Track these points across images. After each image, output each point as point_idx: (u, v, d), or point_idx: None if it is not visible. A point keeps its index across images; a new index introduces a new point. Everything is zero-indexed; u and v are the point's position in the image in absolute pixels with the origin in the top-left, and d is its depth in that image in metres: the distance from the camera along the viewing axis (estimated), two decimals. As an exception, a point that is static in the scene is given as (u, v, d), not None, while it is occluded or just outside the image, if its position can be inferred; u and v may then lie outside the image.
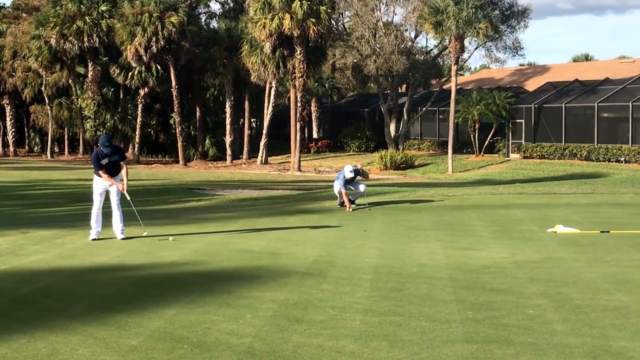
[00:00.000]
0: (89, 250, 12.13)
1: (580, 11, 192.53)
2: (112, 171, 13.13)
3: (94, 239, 13.12)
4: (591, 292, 8.32)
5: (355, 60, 60.00)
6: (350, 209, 18.03)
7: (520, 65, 79.69)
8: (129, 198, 13.25)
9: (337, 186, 18.22)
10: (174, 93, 55.62)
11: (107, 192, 13.29)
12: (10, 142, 69.66)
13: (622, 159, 44.01)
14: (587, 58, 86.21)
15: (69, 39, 56.39)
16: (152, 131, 69.05)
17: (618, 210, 16.76)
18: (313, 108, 68.91)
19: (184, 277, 9.75)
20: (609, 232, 13.15)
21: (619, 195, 20.28)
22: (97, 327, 7.15)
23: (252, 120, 69.16)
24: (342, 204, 19.00)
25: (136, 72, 55.57)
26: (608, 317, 7.25)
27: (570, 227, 13.45)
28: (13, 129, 69.47)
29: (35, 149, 73.51)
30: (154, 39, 53.04)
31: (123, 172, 13.20)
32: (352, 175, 18.21)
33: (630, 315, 7.31)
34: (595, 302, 7.84)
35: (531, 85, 60.90)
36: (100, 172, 13.06)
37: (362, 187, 18.45)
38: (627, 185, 23.38)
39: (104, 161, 13.02)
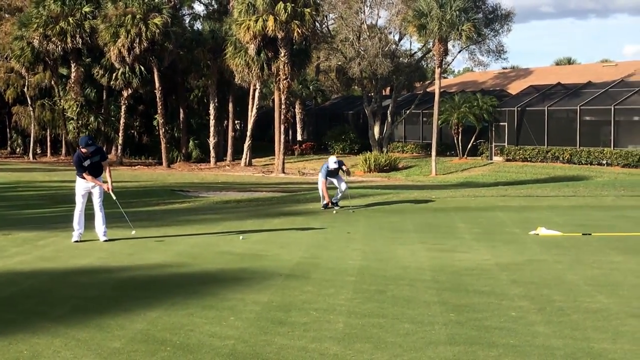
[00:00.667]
0: (72, 252, 12.07)
1: (562, 15, 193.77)
2: (94, 172, 13.08)
3: (77, 241, 13.06)
4: (573, 295, 8.37)
5: (340, 63, 60.05)
6: (331, 205, 18.19)
7: (504, 68, 79.94)
8: (115, 198, 13.20)
9: (320, 177, 18.52)
10: (158, 94, 55.44)
11: (90, 194, 13.23)
12: (-8, 143, 69.24)
13: (604, 162, 44.28)
14: (569, 62, 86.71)
15: (52, 40, 56.09)
16: (135, 133, 68.77)
17: (600, 213, 16.87)
18: (297, 110, 68.91)
19: (167, 279, 9.72)
20: (590, 234, 13.23)
21: (600, 198, 20.40)
22: (80, 330, 7.12)
23: (236, 122, 68.98)
24: (326, 205, 19.03)
25: (119, 73, 55.34)
26: (590, 319, 7.29)
27: (552, 230, 13.52)
28: (-5, 130, 69.05)
29: (18, 150, 73.02)
30: (137, 40, 52.85)
31: (106, 172, 13.16)
32: (335, 166, 18.49)
33: (612, 318, 7.36)
34: (577, 304, 7.89)
35: (514, 88, 61.16)
36: (84, 174, 13.00)
37: (343, 186, 18.57)
38: (608, 188, 23.52)
39: (86, 163, 12.97)
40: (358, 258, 11.00)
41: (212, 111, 59.12)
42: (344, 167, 18.94)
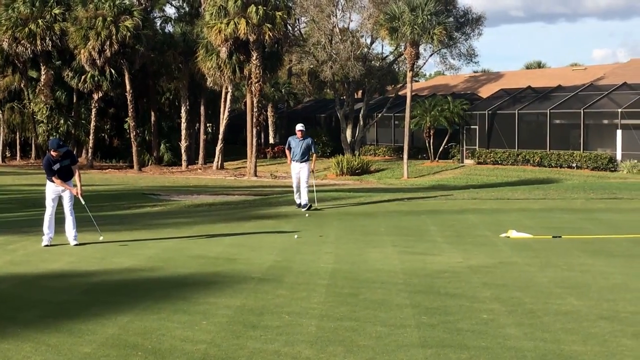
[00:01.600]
0: (42, 256, 11.96)
1: (532, 19, 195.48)
2: (65, 176, 12.97)
3: (47, 245, 12.94)
4: (543, 297, 8.44)
5: (312, 66, 60.12)
6: (303, 209, 18.37)
7: (474, 72, 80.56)
8: (83, 203, 13.10)
9: (287, 147, 19.07)
10: (129, 97, 55.13)
11: (60, 198, 13.12)
12: (-39, 146, 68.42)
13: (574, 164, 44.71)
14: (539, 65, 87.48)
15: (22, 42, 55.58)
16: (106, 136, 68.32)
17: (570, 216, 17.02)
18: (269, 113, 68.86)
19: (138, 283, 9.67)
20: (560, 237, 13.34)
21: (570, 200, 20.59)
22: (50, 335, 7.06)
23: (208, 125, 68.76)
24: (299, 205, 19.03)
25: (90, 76, 54.99)
26: (560, 321, 7.35)
27: (523, 232, 13.62)
28: (-37, 133, 68.23)
29: (-14, 153, 72.25)
30: (108, 42, 52.55)
31: (76, 176, 13.05)
32: (302, 129, 18.82)
33: (582, 319, 7.43)
34: (548, 307, 7.95)
35: (485, 91, 61.59)
36: (54, 178, 12.89)
37: (304, 182, 18.67)
38: (578, 190, 23.76)
39: (56, 166, 12.85)
40: (330, 261, 11.00)
41: (183, 114, 58.91)
42: (313, 155, 19.08)
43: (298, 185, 19.09)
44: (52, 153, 12.82)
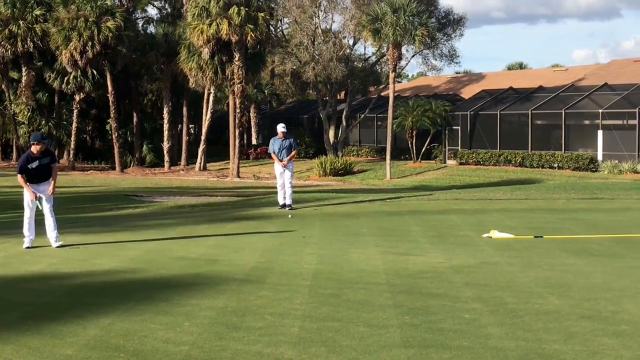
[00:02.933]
0: (23, 258, 11.89)
1: (513, 20, 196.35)
2: (43, 175, 12.74)
3: (28, 247, 12.84)
4: (525, 296, 8.48)
5: (294, 67, 60.11)
6: (284, 208, 18.36)
7: (456, 73, 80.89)
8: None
9: (270, 149, 19.30)
10: (111, 98, 54.91)
11: (40, 199, 12.98)
12: (-59, 148, 67.90)
13: (555, 165, 44.96)
14: (521, 66, 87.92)
15: (2, 43, 55.24)
16: (87, 137, 67.94)
17: (551, 216, 17.11)
18: (252, 114, 68.78)
19: (120, 285, 9.63)
20: (542, 237, 13.41)
21: (552, 200, 20.70)
22: (32, 337, 7.02)
23: (190, 126, 68.58)
24: (283, 206, 19.04)
25: (72, 77, 54.72)
26: (541, 321, 7.39)
27: (504, 232, 13.67)
28: (-57, 135, 67.70)
29: (-33, 155, 71.73)
30: (89, 43, 52.33)
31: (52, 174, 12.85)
32: (284, 129, 19.11)
33: (563, 319, 7.47)
34: (529, 306, 7.99)
35: (467, 92, 61.81)
36: (19, 177, 12.60)
37: (288, 181, 18.77)
38: (560, 191, 23.89)
39: (34, 164, 12.57)
40: (313, 262, 11.01)
41: (165, 115, 58.73)
42: (292, 152, 19.24)
43: (282, 185, 19.14)
44: (33, 149, 12.56)
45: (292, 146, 19.32)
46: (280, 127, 19.30)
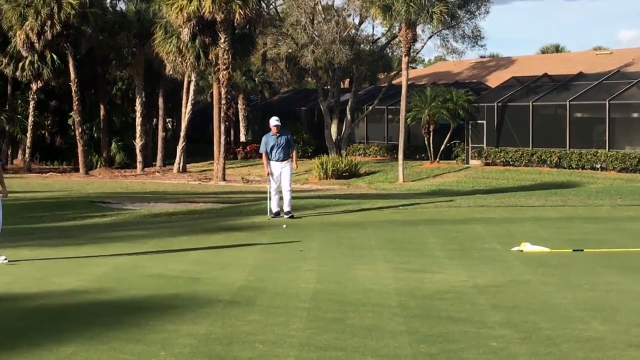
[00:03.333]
0: (-31, 276, 11.88)
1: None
2: None
3: (-25, 264, 12.82)
4: (562, 321, 8.46)
5: (290, 51, 60.11)
6: (286, 217, 18.41)
7: (481, 57, 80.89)
8: None
9: (262, 149, 19.21)
10: (73, 88, 54.91)
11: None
12: None
13: (598, 165, 44.94)
14: (557, 49, 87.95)
15: (-55, 22, 55.31)
16: (46, 133, 68.01)
17: (593, 226, 17.10)
18: (240, 106, 68.81)
19: (85, 307, 9.62)
20: (582, 250, 13.40)
21: (594, 207, 20.69)
22: (-21, 370, 7.01)
23: (167, 120, 68.62)
24: (276, 214, 19.02)
25: (27, 62, 54.72)
26: (582, 350, 7.37)
27: (538, 246, 13.66)
28: None
29: None
30: (48, 23, 52.34)
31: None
32: (277, 123, 18.95)
33: (607, 348, 7.45)
34: (568, 332, 7.97)
35: (494, 80, 61.82)
36: None
37: (287, 185, 18.68)
38: (603, 196, 23.88)
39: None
40: (312, 280, 11.00)
41: (138, 107, 58.71)
42: (292, 154, 19.18)
43: (277, 189, 19.09)
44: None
45: (290, 143, 19.25)
46: (274, 121, 19.22)
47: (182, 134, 57.68)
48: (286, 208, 18.98)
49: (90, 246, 15.25)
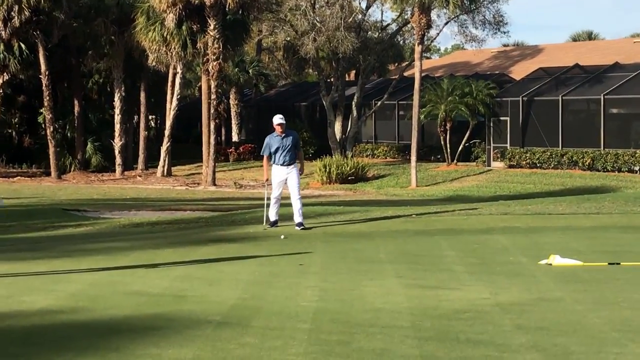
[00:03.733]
0: None
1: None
2: None
3: None
4: (597, 344, 8.45)
5: (289, 39, 60.16)
6: (299, 227, 18.51)
7: (504, 45, 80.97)
8: None
9: (264, 151, 19.18)
10: (44, 81, 54.96)
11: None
12: None
13: (637, 168, 44.92)
14: (590, 37, 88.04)
15: None
16: (13, 132, 68.04)
17: (631, 236, 17.09)
18: (232, 101, 68.84)
19: (56, 329, 9.61)
20: (619, 264, 13.39)
21: (632, 215, 20.67)
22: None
23: (150, 117, 68.66)
24: (273, 223, 18.97)
25: (-8, 53, 54.82)
26: (618, 376, 7.37)
27: (569, 258, 13.65)
28: None
29: None
30: (16, 8, 52.41)
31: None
32: (282, 121, 18.79)
33: (647, 373, 7.45)
34: (602, 357, 7.97)
35: (518, 71, 61.86)
36: None
37: (296, 192, 18.60)
38: (642, 202, 23.87)
39: None
40: (314, 298, 10.99)
41: (117, 103, 58.79)
42: (300, 153, 19.13)
43: (278, 197, 19.02)
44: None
45: (297, 145, 19.09)
46: (277, 119, 19.00)
47: (166, 133, 57.70)
48: (297, 219, 18.78)
49: (63, 260, 15.24)
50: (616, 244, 16.00)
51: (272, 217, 19.21)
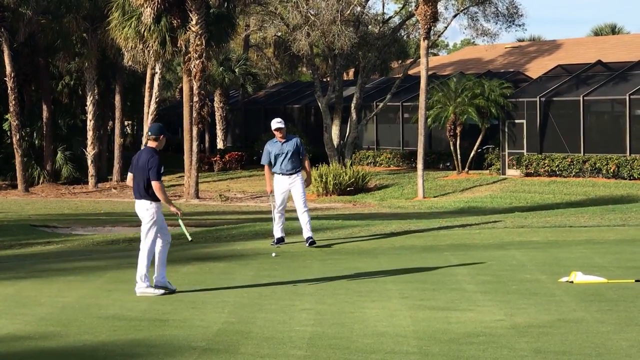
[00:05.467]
0: None
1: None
2: None
3: None
4: (623, 369, 8.49)
5: (279, 34, 60.19)
6: (308, 243, 18.38)
7: (519, 40, 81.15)
8: None
9: (264, 160, 18.75)
10: (9, 84, 54.96)
11: None
12: None
13: (667, 175, 44.97)
14: (613, 30, 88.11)
15: None
16: (-25, 141, 67.98)
17: (661, 250, 17.13)
18: (217, 104, 68.82)
19: (24, 357, 9.63)
20: (647, 281, 13.44)
21: (662, 227, 20.69)
22: None
23: (126, 123, 68.69)
24: (280, 240, 18.81)
25: (-49, 52, 54.86)
26: (647, 405, 7.40)
27: (592, 275, 13.68)
28: None
29: None
30: (-23, 3, 52.43)
31: None
32: (280, 125, 18.33)
33: (679, 401, 7.47)
34: (629, 383, 8.00)
35: (535, 69, 61.94)
36: None
37: (301, 206, 18.39)
38: (673, 213, 23.89)
39: None
40: (309, 322, 11.01)
41: (90, 107, 58.76)
42: (305, 160, 18.84)
43: (282, 210, 18.83)
44: None
45: (300, 150, 18.58)
46: (275, 124, 18.21)
47: (144, 140, 57.59)
48: (306, 234, 18.49)
49: (32, 280, 15.25)
50: (644, 259, 16.05)
51: (277, 233, 18.94)
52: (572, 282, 13.48)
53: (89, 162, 58.81)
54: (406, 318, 11.13)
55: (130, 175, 13.81)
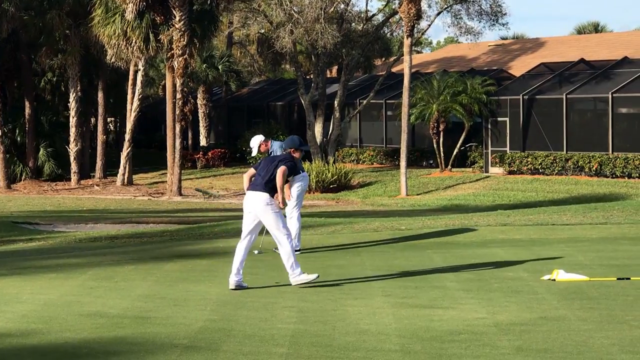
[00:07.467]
0: None
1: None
2: None
3: None
4: (605, 367, 8.50)
5: (263, 31, 60.15)
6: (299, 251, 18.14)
7: (503, 39, 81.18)
8: None
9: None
10: (-9, 80, 54.83)
11: None
12: None
13: (649, 173, 45.06)
14: (596, 29, 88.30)
15: None
16: (-43, 137, 67.74)
17: (642, 248, 17.18)
18: (200, 101, 68.69)
19: (5, 355, 9.60)
20: (629, 279, 13.45)
21: (644, 225, 20.74)
22: None
23: (109, 120, 68.50)
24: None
25: None
26: (628, 403, 7.42)
27: (574, 273, 13.70)
28: None
29: None
30: (-42, -2, 52.24)
31: None
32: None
33: (660, 399, 7.50)
34: (611, 381, 8.02)
35: (518, 67, 62.01)
36: None
37: (296, 214, 18.25)
38: (655, 211, 23.95)
39: None
40: (291, 320, 11.00)
41: (72, 104, 58.58)
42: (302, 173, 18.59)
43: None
44: None
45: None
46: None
47: (127, 137, 57.53)
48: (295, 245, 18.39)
49: (13, 278, 15.20)
50: (626, 257, 16.07)
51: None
52: (554, 280, 13.50)
53: (72, 158, 58.64)
54: (389, 316, 11.14)
55: (251, 170, 14.14)
